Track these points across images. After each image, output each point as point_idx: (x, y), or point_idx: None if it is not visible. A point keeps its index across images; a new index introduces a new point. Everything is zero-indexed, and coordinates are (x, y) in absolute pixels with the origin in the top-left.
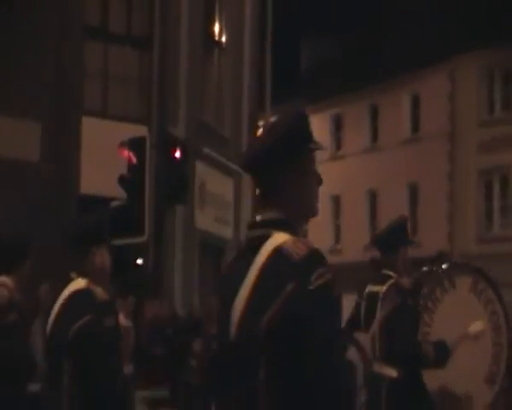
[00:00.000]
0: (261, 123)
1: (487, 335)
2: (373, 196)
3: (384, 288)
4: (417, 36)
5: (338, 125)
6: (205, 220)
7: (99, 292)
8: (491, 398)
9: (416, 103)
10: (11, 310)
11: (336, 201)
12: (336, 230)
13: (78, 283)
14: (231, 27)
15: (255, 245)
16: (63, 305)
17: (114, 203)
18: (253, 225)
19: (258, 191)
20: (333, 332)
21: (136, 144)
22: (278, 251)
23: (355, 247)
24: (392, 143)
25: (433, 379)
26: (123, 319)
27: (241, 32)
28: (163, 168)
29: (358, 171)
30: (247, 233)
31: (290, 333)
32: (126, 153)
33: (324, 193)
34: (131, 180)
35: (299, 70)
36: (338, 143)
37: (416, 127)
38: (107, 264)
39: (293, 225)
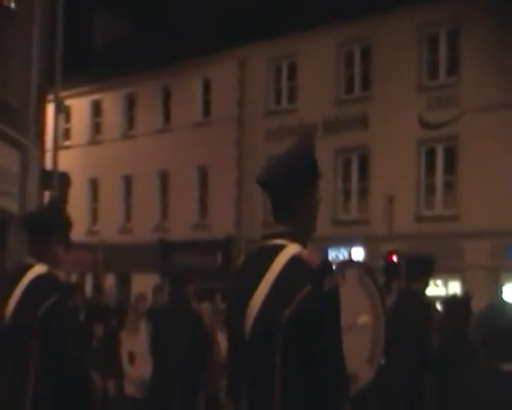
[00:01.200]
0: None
1: (370, 323)
2: (164, 177)
3: None
4: (210, 21)
5: (130, 105)
6: None
7: (61, 276)
8: (373, 374)
9: (207, 88)
10: None
11: (127, 180)
12: (127, 209)
13: (39, 268)
14: None
15: (270, 253)
16: (27, 288)
17: None
18: (267, 236)
19: (272, 207)
20: (338, 324)
21: None
22: (295, 259)
23: (146, 227)
24: (183, 126)
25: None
26: None
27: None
28: None
29: (150, 151)
30: (261, 242)
31: (307, 324)
32: None
33: (115, 173)
34: None
35: (91, 46)
36: (130, 122)
37: (207, 111)
38: (61, 251)
39: (302, 238)
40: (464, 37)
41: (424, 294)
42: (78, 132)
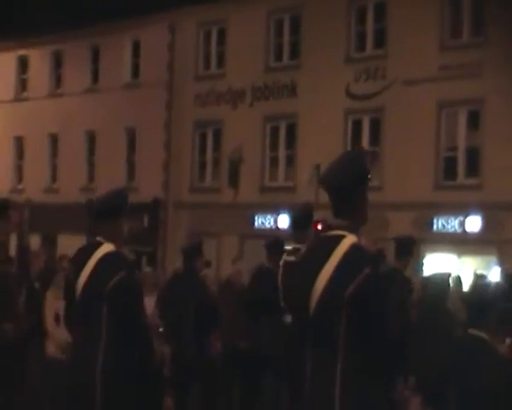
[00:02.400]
0: None
1: None
2: (91, 137)
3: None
4: None
5: (58, 63)
6: None
7: (127, 253)
8: None
9: (136, 49)
10: None
11: (54, 139)
12: (53, 169)
13: (108, 246)
14: None
15: (332, 242)
16: (98, 264)
17: None
18: (327, 228)
19: (332, 204)
20: (395, 301)
21: None
22: (355, 246)
23: (72, 187)
24: (112, 86)
25: None
26: None
27: None
28: None
29: (77, 111)
30: (321, 233)
31: (367, 300)
32: None
33: (41, 131)
34: None
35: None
36: (57, 80)
37: (136, 73)
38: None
39: (357, 229)
40: (391, 10)
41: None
42: (2, 88)
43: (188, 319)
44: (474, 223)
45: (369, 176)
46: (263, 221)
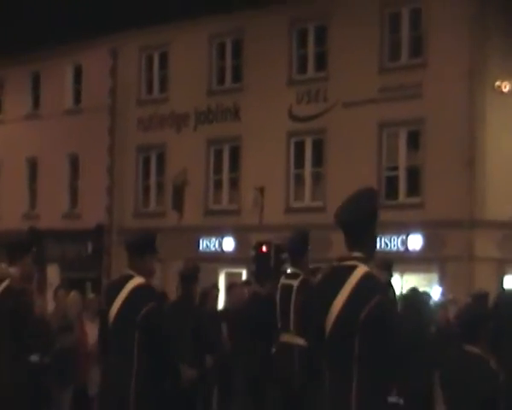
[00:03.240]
0: None
1: None
2: (33, 164)
3: (296, 282)
4: (83, 7)
5: None
6: None
7: (156, 286)
8: None
9: (78, 75)
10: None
11: None
12: None
13: (138, 279)
14: None
15: (346, 271)
16: (129, 294)
17: None
18: (342, 259)
19: (346, 238)
20: (400, 323)
21: None
22: (367, 275)
23: (14, 214)
24: (54, 112)
25: None
26: None
27: None
28: None
29: (19, 137)
30: (337, 263)
31: (378, 322)
32: None
33: None
34: None
35: None
36: None
37: (77, 99)
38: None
39: (368, 261)
40: (332, 32)
41: None
42: None
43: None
44: (415, 241)
45: (378, 212)
46: (207, 244)
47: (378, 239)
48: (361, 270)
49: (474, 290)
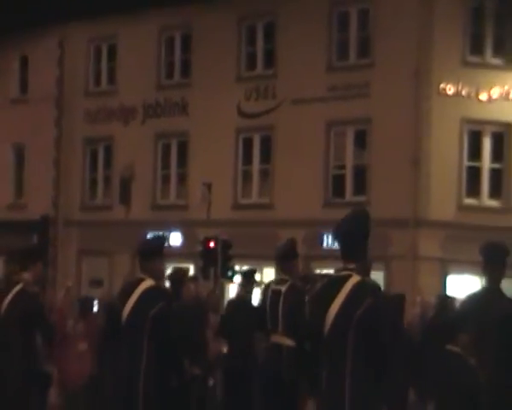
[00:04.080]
0: None
1: None
2: None
3: (285, 287)
4: None
5: None
6: None
7: (165, 287)
8: None
9: (24, 64)
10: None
11: None
12: None
13: (149, 281)
14: None
15: (342, 280)
16: (142, 296)
17: None
18: (339, 270)
19: (342, 251)
20: (388, 321)
21: None
22: (360, 283)
23: None
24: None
25: None
26: None
27: None
28: None
29: None
30: (334, 273)
31: (370, 323)
32: None
33: None
34: None
35: None
36: None
37: (24, 88)
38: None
39: (362, 272)
40: (280, 30)
41: None
42: None
43: None
44: None
45: (370, 227)
46: None
47: (325, 237)
48: (355, 278)
49: (439, 293)
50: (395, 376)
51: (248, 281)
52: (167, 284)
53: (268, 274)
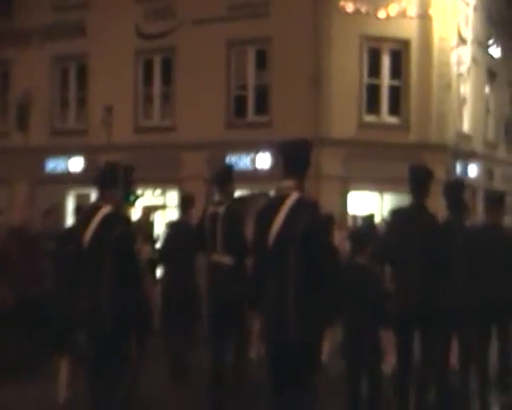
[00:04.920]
0: None
1: None
2: None
3: (222, 209)
4: None
5: None
6: None
7: (122, 213)
8: None
9: None
10: None
11: None
12: None
13: (107, 208)
14: None
15: (282, 197)
16: (101, 222)
17: None
18: (280, 188)
19: (284, 168)
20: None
21: None
22: (300, 199)
23: None
24: None
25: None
26: None
27: None
28: None
29: None
30: (276, 191)
31: (309, 237)
32: None
33: None
34: None
35: None
36: None
37: None
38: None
39: (301, 188)
40: None
41: None
42: None
43: None
44: (264, 160)
45: (311, 149)
46: (54, 165)
47: (228, 158)
48: (294, 195)
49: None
50: (332, 285)
51: (186, 205)
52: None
53: (171, 197)
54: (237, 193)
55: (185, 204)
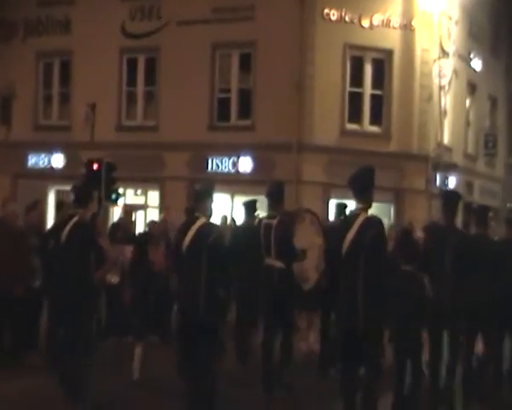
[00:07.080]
0: None
1: (321, 243)
2: None
3: (275, 221)
4: None
5: None
6: None
7: (215, 223)
8: (317, 276)
9: None
10: None
11: None
12: None
13: (203, 219)
14: None
15: (355, 216)
16: (198, 229)
17: None
18: (354, 210)
19: (355, 196)
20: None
21: None
22: (368, 217)
23: None
24: None
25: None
26: None
27: None
28: None
29: None
30: (349, 213)
31: (375, 246)
32: None
33: None
34: None
35: None
36: None
37: None
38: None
39: (368, 210)
40: None
41: None
42: None
43: None
44: (246, 163)
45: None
46: (36, 160)
47: (209, 160)
48: (363, 215)
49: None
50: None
51: (251, 211)
52: None
53: (153, 197)
54: (218, 196)
55: (250, 208)
